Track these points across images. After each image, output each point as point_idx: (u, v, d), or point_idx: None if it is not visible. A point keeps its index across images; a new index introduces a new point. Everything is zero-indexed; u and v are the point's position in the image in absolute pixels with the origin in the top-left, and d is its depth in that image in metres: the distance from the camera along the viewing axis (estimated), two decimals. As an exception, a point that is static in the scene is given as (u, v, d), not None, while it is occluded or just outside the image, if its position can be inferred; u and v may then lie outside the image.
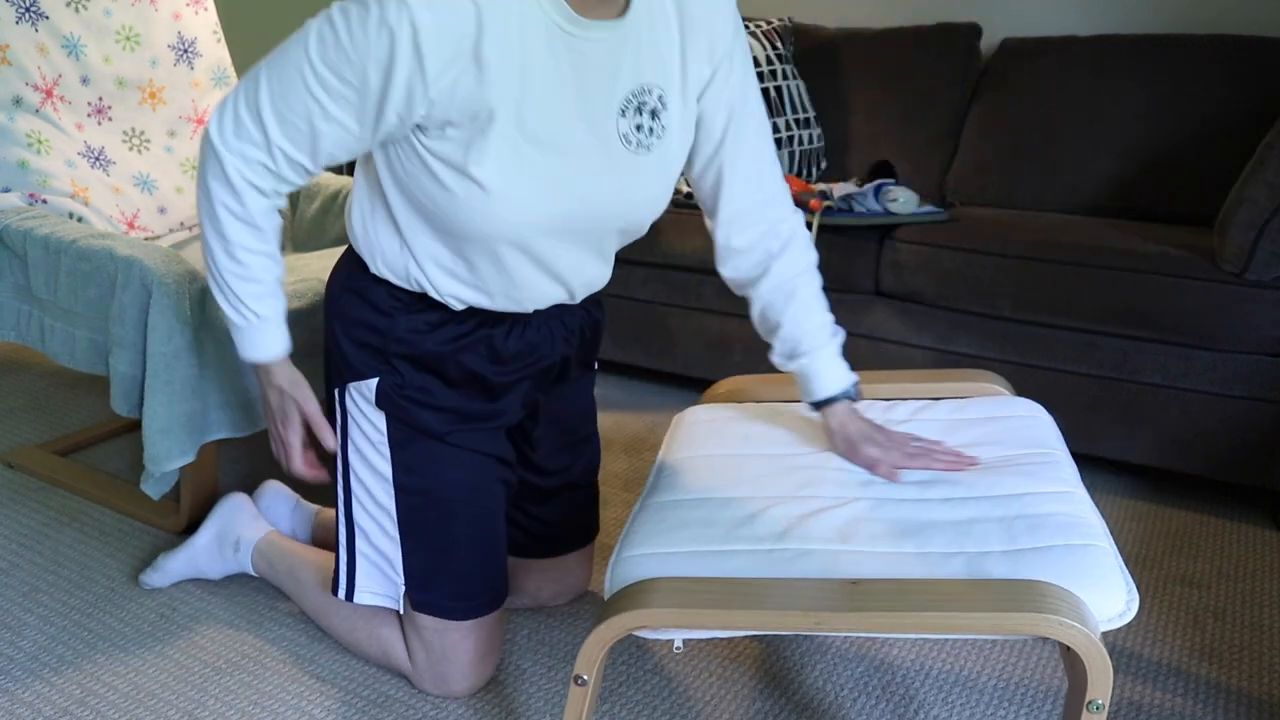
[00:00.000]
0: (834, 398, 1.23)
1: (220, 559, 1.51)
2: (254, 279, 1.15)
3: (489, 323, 1.21)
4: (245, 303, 1.16)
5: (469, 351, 1.21)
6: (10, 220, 1.64)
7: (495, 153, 1.02)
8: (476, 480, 1.25)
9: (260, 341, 1.19)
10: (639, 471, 1.97)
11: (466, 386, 1.23)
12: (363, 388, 1.22)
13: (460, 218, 1.07)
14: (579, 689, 0.98)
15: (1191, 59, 2.17)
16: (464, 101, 1.00)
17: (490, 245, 1.10)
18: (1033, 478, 1.10)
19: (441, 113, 1.01)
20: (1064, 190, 2.25)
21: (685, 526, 1.06)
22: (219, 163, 1.08)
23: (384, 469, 1.23)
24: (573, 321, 1.30)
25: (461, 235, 1.09)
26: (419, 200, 1.09)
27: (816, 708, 1.30)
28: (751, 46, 2.40)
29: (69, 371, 2.45)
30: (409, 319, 1.19)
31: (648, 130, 1.12)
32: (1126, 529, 1.78)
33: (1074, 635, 0.86)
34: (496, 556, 1.28)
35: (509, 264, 1.13)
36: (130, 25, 1.91)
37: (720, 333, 2.23)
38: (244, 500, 1.54)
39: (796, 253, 1.26)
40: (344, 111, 1.02)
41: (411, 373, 1.20)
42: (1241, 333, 1.70)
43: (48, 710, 1.27)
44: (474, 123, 1.01)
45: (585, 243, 1.16)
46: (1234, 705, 1.31)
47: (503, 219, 1.06)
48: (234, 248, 1.13)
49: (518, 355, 1.24)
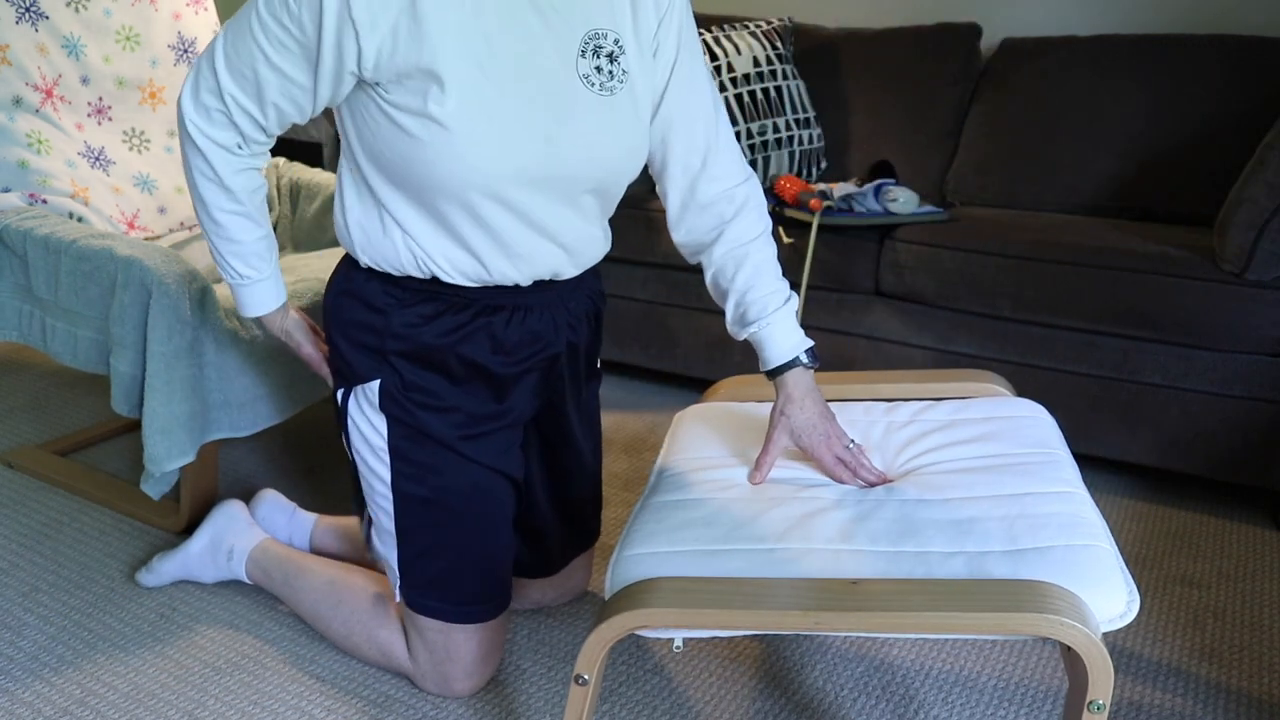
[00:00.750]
0: (785, 365, 1.20)
1: (213, 566, 1.51)
2: (232, 239, 1.20)
3: (488, 311, 1.19)
4: (229, 261, 1.22)
5: (469, 342, 1.19)
6: (10, 220, 1.63)
7: (456, 93, 1.04)
8: (483, 486, 1.24)
9: (248, 299, 1.26)
10: (639, 471, 1.97)
11: (471, 382, 1.21)
12: (365, 391, 1.21)
13: (428, 166, 1.07)
14: (579, 689, 0.98)
15: (1191, 59, 2.17)
16: (408, 53, 1.03)
17: (464, 197, 1.09)
18: (1034, 477, 1.10)
19: (389, 64, 1.03)
20: (1064, 190, 2.25)
21: (686, 526, 1.06)
22: (183, 124, 1.14)
23: (384, 474, 1.23)
24: (577, 308, 1.28)
25: (435, 190, 1.08)
26: (390, 162, 1.09)
27: (816, 708, 1.30)
28: (752, 46, 2.40)
29: (69, 371, 2.45)
30: (404, 313, 1.18)
31: (608, 74, 1.13)
32: (1126, 529, 1.78)
33: (1075, 635, 0.86)
34: (502, 563, 1.28)
35: (490, 220, 1.11)
36: (130, 25, 1.91)
37: (720, 333, 2.23)
38: (239, 509, 1.54)
39: (750, 218, 1.23)
40: (285, 60, 1.06)
41: (412, 371, 1.19)
42: (1241, 333, 1.70)
43: (48, 710, 1.27)
44: (429, 75, 1.03)
45: (560, 195, 1.14)
46: (1234, 705, 1.31)
47: (469, 163, 1.06)
48: (210, 209, 1.18)
49: (520, 344, 1.22)
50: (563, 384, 1.31)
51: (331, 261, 1.75)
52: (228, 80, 1.09)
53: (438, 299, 1.18)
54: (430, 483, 1.22)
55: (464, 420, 1.22)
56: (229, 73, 1.09)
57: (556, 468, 1.38)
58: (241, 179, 1.17)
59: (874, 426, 1.29)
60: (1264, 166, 1.69)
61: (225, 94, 1.10)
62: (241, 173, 1.16)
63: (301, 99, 1.09)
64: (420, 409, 1.20)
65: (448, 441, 1.21)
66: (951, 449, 1.20)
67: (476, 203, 1.10)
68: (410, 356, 1.19)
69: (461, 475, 1.22)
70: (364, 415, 1.23)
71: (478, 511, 1.24)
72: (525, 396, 1.26)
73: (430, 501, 1.22)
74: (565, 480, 1.39)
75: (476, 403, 1.22)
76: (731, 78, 2.36)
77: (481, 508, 1.24)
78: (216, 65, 1.09)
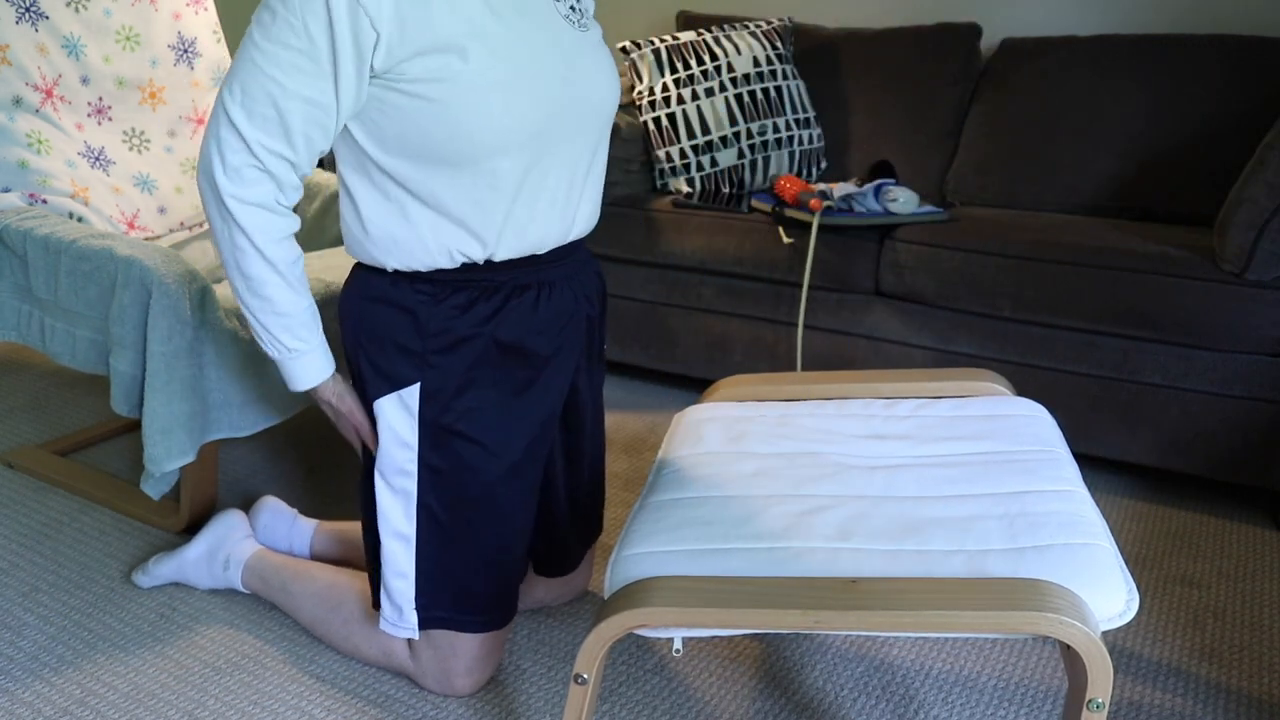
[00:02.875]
0: None
1: (209, 574, 1.51)
2: (279, 312, 1.15)
3: (517, 292, 1.20)
4: (277, 336, 1.17)
5: (504, 325, 1.19)
6: (10, 220, 1.64)
7: (474, 50, 1.05)
8: (509, 494, 1.23)
9: (299, 372, 1.20)
10: (639, 471, 1.97)
11: (511, 369, 1.22)
12: (401, 397, 1.20)
13: (459, 128, 1.07)
14: (579, 688, 0.98)
15: (1191, 59, 2.17)
16: (417, 23, 1.03)
17: (489, 161, 1.10)
18: (1034, 476, 1.10)
19: (401, 41, 1.03)
20: (1064, 190, 2.25)
21: (685, 525, 1.06)
22: (220, 200, 1.09)
23: (409, 486, 1.22)
24: (589, 283, 1.31)
25: (466, 154, 1.09)
26: (416, 143, 1.09)
27: (816, 708, 1.30)
28: (752, 46, 2.41)
29: (69, 371, 2.45)
30: (438, 308, 1.17)
31: (579, 11, 1.21)
32: (1126, 529, 1.78)
33: (1074, 634, 0.86)
34: (515, 575, 1.28)
35: (506, 182, 1.12)
36: (130, 25, 1.91)
37: (720, 333, 2.23)
38: (239, 519, 1.54)
39: None
40: (302, 83, 1.04)
41: (453, 366, 1.18)
42: (1241, 333, 1.70)
43: (48, 710, 1.27)
44: (444, 41, 1.04)
45: (576, 143, 1.18)
46: (1234, 705, 1.31)
47: (501, 113, 1.07)
48: (254, 284, 1.13)
49: (551, 320, 1.23)
50: (582, 361, 1.32)
51: (331, 261, 1.75)
52: (251, 130, 1.06)
53: (469, 287, 1.18)
54: (459, 489, 1.21)
55: (501, 418, 1.21)
56: (250, 122, 1.05)
57: (573, 454, 1.38)
58: (283, 249, 1.13)
59: (873, 421, 1.29)
60: (1264, 166, 1.69)
61: (253, 145, 1.06)
62: (281, 242, 1.12)
63: (327, 120, 1.07)
64: (459, 413, 1.19)
65: (484, 442, 1.20)
66: (951, 444, 1.20)
67: (509, 159, 1.11)
68: (450, 352, 1.18)
69: (493, 473, 1.21)
70: (391, 426, 1.21)
71: (502, 515, 1.23)
72: (561, 375, 1.27)
73: (455, 509, 1.22)
74: (578, 468, 1.39)
75: (514, 375, 1.22)
76: (731, 78, 2.36)
77: (506, 510, 1.23)
78: (235, 120, 1.05)
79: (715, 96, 2.35)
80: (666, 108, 2.34)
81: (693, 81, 2.35)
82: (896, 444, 1.23)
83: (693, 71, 2.36)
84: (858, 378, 1.44)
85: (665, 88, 2.35)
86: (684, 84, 2.35)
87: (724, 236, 2.14)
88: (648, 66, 2.37)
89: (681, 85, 2.35)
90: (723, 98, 2.35)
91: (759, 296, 2.16)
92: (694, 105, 2.34)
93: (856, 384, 1.42)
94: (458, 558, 1.23)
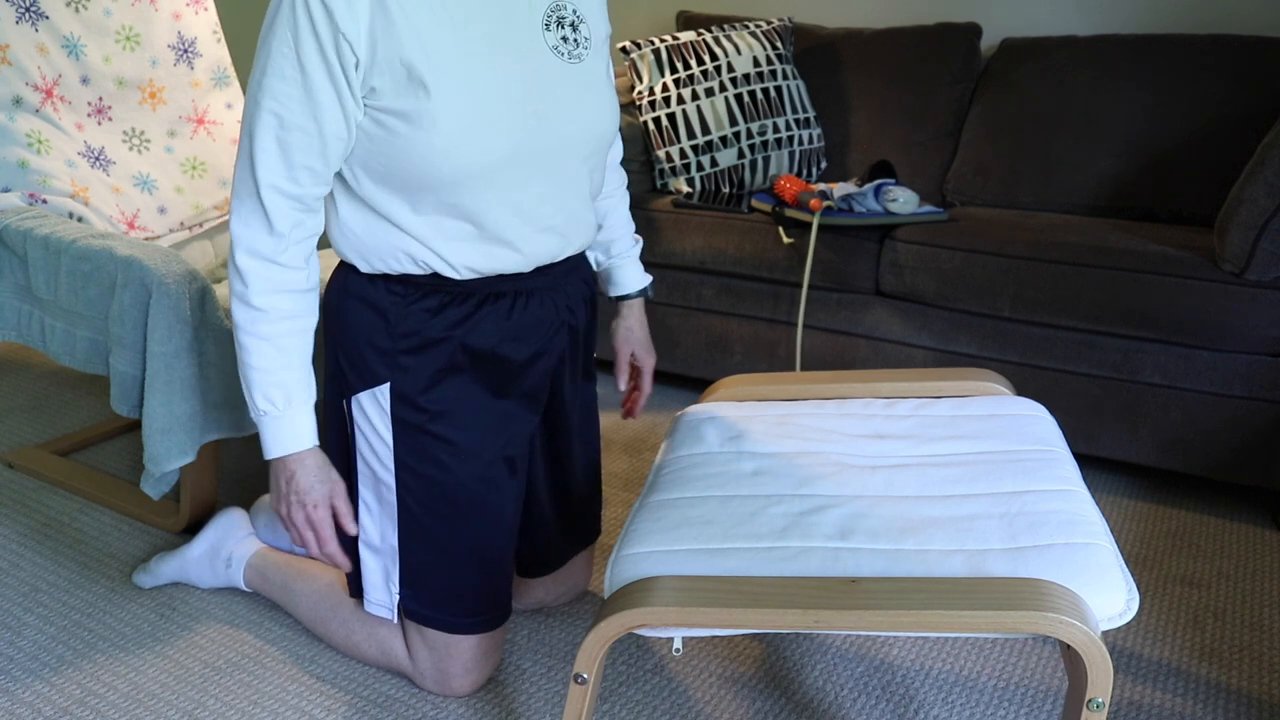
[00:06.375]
0: (630, 294, 1.48)
1: (211, 573, 1.51)
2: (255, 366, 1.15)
3: (490, 299, 1.20)
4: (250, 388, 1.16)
5: (475, 332, 1.20)
6: (10, 220, 1.64)
7: (437, 86, 1.06)
8: (491, 484, 1.24)
9: (285, 433, 1.16)
10: (639, 471, 1.97)
11: (482, 374, 1.22)
12: (375, 395, 1.21)
13: (422, 163, 1.08)
14: (579, 688, 0.98)
15: (1191, 59, 2.17)
16: (386, 49, 1.04)
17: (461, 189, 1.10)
18: (1034, 475, 1.10)
19: (371, 65, 1.04)
20: (1064, 190, 2.25)
21: (685, 525, 1.06)
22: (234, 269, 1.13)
23: (388, 480, 1.23)
24: (574, 291, 1.30)
25: (431, 186, 1.10)
26: (382, 168, 1.10)
27: (816, 708, 1.30)
28: (752, 46, 2.41)
29: (69, 371, 2.45)
30: (409, 309, 1.18)
31: (574, 42, 1.19)
32: (1126, 529, 1.78)
33: (1074, 633, 0.85)
34: (504, 574, 1.28)
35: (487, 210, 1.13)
36: (130, 25, 1.91)
37: (720, 333, 2.23)
38: (241, 518, 1.54)
39: (618, 174, 1.45)
40: (295, 113, 1.06)
41: (422, 369, 1.19)
42: (1241, 333, 1.70)
43: (48, 710, 1.27)
44: (408, 71, 1.05)
45: (555, 171, 1.17)
46: (1234, 705, 1.31)
47: (463, 151, 1.08)
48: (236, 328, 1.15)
49: (525, 330, 1.23)
50: (564, 369, 1.31)
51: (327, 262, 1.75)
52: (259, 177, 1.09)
53: (440, 292, 1.19)
54: (436, 489, 1.21)
55: (474, 419, 1.22)
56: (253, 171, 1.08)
57: (556, 459, 1.38)
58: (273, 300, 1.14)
59: (873, 421, 1.29)
60: (1264, 166, 1.69)
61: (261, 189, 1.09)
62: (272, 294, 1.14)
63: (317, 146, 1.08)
64: (431, 415, 1.20)
65: (457, 442, 1.21)
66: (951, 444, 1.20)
67: (473, 193, 1.11)
68: (419, 353, 1.19)
69: (469, 474, 1.22)
70: (369, 421, 1.22)
71: (483, 515, 1.23)
72: (536, 382, 1.27)
73: (435, 509, 1.22)
74: (565, 473, 1.39)
75: (488, 397, 1.22)
76: (731, 78, 2.36)
77: (487, 510, 1.24)
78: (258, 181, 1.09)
79: (715, 96, 2.35)
80: (666, 108, 2.34)
81: (693, 81, 2.35)
82: (896, 443, 1.23)
83: (693, 71, 2.36)
84: (858, 378, 1.44)
85: (665, 88, 2.35)
86: (684, 84, 2.35)
87: (724, 236, 2.14)
88: (648, 66, 2.37)
89: (681, 85, 2.35)
90: (723, 98, 2.35)
91: (759, 296, 2.16)
92: (694, 105, 2.34)
93: (856, 384, 1.42)
94: (440, 556, 1.24)
